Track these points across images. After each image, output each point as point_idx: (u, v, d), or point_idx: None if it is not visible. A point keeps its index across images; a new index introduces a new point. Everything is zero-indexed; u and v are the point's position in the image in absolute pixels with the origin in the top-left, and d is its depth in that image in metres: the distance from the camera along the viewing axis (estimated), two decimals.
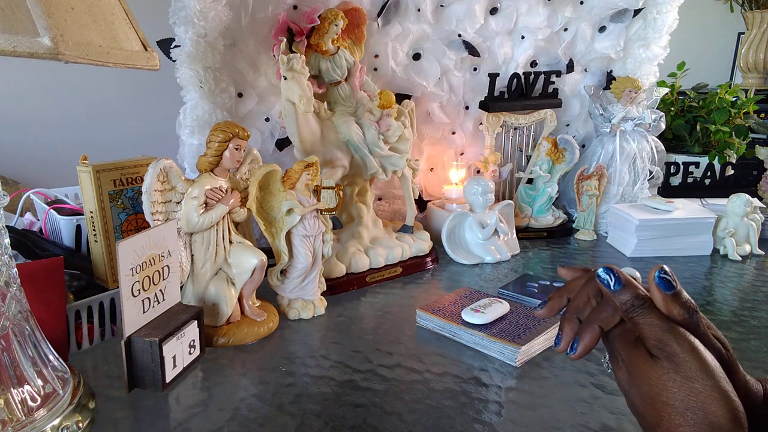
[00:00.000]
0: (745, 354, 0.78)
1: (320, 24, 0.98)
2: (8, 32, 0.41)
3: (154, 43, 0.89)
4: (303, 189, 0.86)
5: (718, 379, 0.38)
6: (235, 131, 0.78)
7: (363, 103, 1.04)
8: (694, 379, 0.38)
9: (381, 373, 0.73)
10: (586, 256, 1.21)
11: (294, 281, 0.88)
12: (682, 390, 0.38)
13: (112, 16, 0.54)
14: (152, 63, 0.59)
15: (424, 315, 0.85)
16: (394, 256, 1.06)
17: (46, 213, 0.87)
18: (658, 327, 0.41)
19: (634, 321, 0.42)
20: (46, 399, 0.56)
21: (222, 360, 0.76)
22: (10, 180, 1.34)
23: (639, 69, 1.36)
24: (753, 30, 2.26)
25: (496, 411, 0.65)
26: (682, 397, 0.38)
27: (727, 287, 1.04)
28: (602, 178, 1.31)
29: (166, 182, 0.76)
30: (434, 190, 1.36)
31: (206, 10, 0.92)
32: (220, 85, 0.99)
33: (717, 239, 1.22)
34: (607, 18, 1.32)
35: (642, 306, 0.42)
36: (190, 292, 0.81)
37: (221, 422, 0.62)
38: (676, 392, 0.38)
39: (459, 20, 1.19)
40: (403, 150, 1.07)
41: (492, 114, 1.28)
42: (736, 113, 1.46)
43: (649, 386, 0.40)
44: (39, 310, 0.64)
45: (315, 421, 0.62)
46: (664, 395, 0.39)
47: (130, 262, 0.63)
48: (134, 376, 0.66)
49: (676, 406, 0.38)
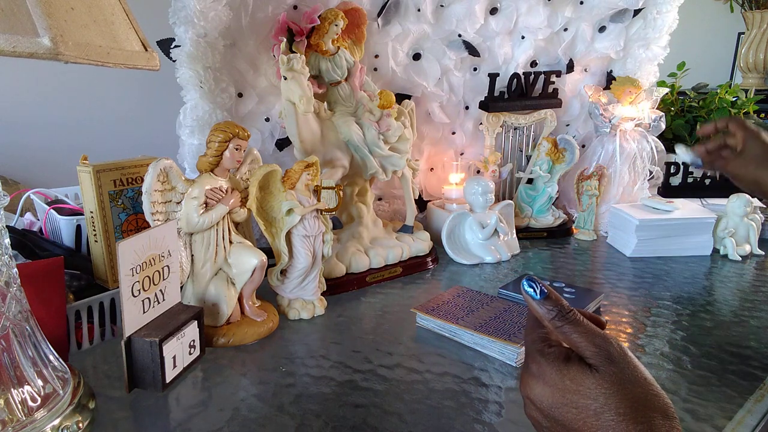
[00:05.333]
0: (746, 354, 0.78)
1: (320, 24, 0.98)
2: (8, 32, 0.41)
3: (154, 43, 0.89)
4: (303, 189, 0.86)
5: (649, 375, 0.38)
6: (235, 131, 0.78)
7: (363, 103, 1.04)
8: (634, 381, 0.37)
9: (381, 373, 0.73)
10: (586, 256, 1.21)
11: (294, 281, 0.88)
12: (626, 392, 0.37)
13: (112, 16, 0.54)
14: (152, 63, 0.59)
15: (423, 315, 0.85)
16: (394, 256, 1.06)
17: (46, 213, 0.87)
18: (591, 333, 0.39)
19: (564, 331, 0.40)
20: (46, 399, 0.56)
21: (222, 360, 0.76)
22: (10, 180, 1.34)
23: (639, 69, 1.36)
24: (753, 30, 2.26)
25: (496, 411, 0.65)
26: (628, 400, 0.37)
27: (727, 287, 1.04)
28: (602, 178, 1.31)
29: (166, 182, 0.76)
30: (434, 190, 1.36)
31: (206, 10, 0.92)
32: (220, 85, 0.99)
33: (717, 239, 1.22)
34: (607, 18, 1.32)
35: (569, 313, 0.40)
36: (190, 292, 0.81)
37: (221, 422, 0.62)
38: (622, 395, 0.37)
39: (459, 20, 1.19)
40: (403, 150, 1.07)
41: (492, 114, 1.28)
42: (736, 113, 1.46)
43: (592, 399, 0.37)
44: (39, 310, 0.64)
45: (315, 421, 0.62)
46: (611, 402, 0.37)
47: (130, 262, 0.63)
48: (134, 376, 0.66)
49: (624, 411, 0.36)
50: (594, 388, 0.37)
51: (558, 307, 0.41)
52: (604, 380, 0.38)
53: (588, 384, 0.38)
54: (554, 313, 0.41)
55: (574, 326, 0.40)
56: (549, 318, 0.41)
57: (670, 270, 1.12)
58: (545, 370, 0.40)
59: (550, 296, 0.41)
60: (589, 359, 0.39)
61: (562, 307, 0.41)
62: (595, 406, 0.37)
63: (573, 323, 0.40)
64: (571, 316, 0.40)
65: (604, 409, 0.37)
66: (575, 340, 0.40)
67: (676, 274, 1.10)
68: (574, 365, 0.39)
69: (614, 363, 0.38)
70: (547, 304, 0.41)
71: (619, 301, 0.96)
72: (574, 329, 0.40)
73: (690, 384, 0.70)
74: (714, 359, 0.77)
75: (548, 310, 0.41)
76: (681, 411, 0.65)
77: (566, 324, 0.40)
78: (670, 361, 0.76)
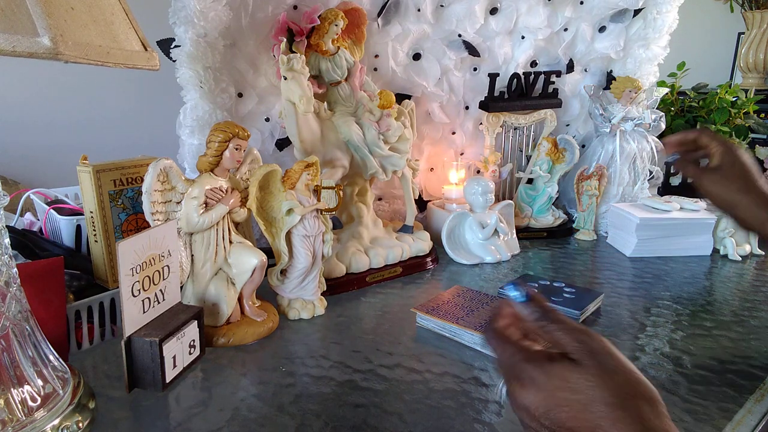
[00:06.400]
0: (746, 354, 0.78)
1: (320, 24, 0.98)
2: (8, 32, 0.41)
3: (154, 43, 0.89)
4: (303, 189, 0.86)
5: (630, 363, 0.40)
6: (235, 131, 0.78)
7: (363, 103, 1.04)
8: (616, 370, 0.39)
9: (381, 373, 0.73)
10: (586, 256, 1.21)
11: (294, 281, 0.88)
12: (610, 382, 0.38)
13: (112, 16, 0.54)
14: (152, 63, 0.59)
15: (423, 315, 0.85)
16: (394, 256, 1.06)
17: (46, 213, 0.86)
18: (573, 329, 0.41)
19: (549, 329, 0.42)
20: (46, 399, 0.56)
21: (222, 360, 0.76)
22: (10, 180, 1.34)
23: (639, 69, 1.36)
24: (753, 30, 2.26)
25: (496, 411, 0.65)
26: (613, 389, 0.38)
27: (727, 287, 1.04)
28: (602, 178, 1.32)
29: (166, 182, 0.76)
30: (434, 190, 1.36)
31: (206, 10, 0.92)
32: (220, 85, 0.99)
33: (717, 239, 1.22)
34: (607, 18, 1.32)
35: (552, 313, 0.43)
36: (190, 292, 0.81)
37: (221, 422, 0.62)
38: (607, 385, 0.38)
39: (459, 20, 1.19)
40: (403, 150, 1.07)
41: (492, 114, 1.28)
42: (736, 113, 1.46)
43: (580, 393, 0.39)
44: (39, 310, 0.64)
45: (315, 421, 0.62)
46: (597, 393, 0.38)
47: (130, 262, 0.63)
48: (134, 376, 0.66)
49: (611, 401, 0.37)
50: (580, 382, 0.39)
51: (541, 308, 0.43)
52: (588, 372, 0.39)
53: (574, 379, 0.39)
54: (538, 314, 0.43)
55: (557, 324, 0.42)
56: (533, 318, 0.43)
57: (670, 270, 1.12)
58: (533, 376, 0.41)
59: (534, 298, 0.44)
60: (573, 354, 0.40)
61: (545, 307, 0.43)
62: (584, 399, 0.38)
63: (556, 321, 0.42)
64: (553, 315, 0.42)
65: (592, 401, 0.38)
66: (559, 337, 0.41)
67: (676, 274, 1.10)
68: (558, 363, 0.40)
69: (596, 355, 0.39)
70: (532, 306, 0.43)
71: (619, 301, 0.96)
72: (557, 327, 0.42)
73: (690, 384, 0.70)
74: (714, 359, 0.77)
75: (532, 311, 0.43)
76: (681, 411, 0.65)
77: (550, 323, 0.42)
78: (670, 361, 0.76)
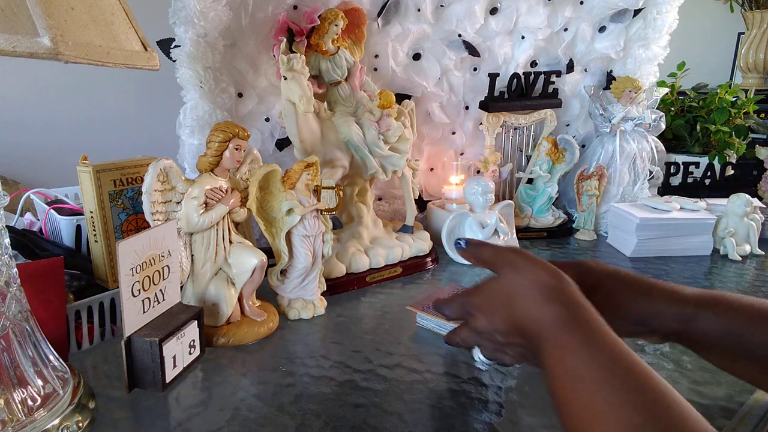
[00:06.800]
0: None
1: (320, 24, 0.98)
2: (8, 32, 0.41)
3: (154, 43, 0.88)
4: (303, 189, 0.86)
5: (536, 258, 0.52)
6: (235, 131, 0.78)
7: (363, 103, 1.04)
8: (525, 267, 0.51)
9: (381, 373, 0.73)
10: (586, 256, 1.21)
11: (294, 281, 0.88)
12: (520, 277, 0.50)
13: (112, 16, 0.54)
14: (152, 63, 0.59)
15: (423, 315, 0.85)
16: (394, 256, 1.06)
17: (46, 213, 0.87)
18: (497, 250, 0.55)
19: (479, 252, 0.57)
20: (46, 399, 0.56)
21: (222, 360, 0.76)
22: (10, 180, 1.34)
23: (639, 69, 1.36)
24: (753, 30, 2.26)
25: (496, 411, 0.65)
26: (525, 283, 0.50)
27: (727, 287, 1.04)
28: (602, 178, 1.32)
29: (166, 182, 0.76)
30: (434, 190, 1.36)
31: (206, 10, 0.92)
32: (220, 85, 0.99)
33: (717, 239, 1.22)
34: (607, 18, 1.32)
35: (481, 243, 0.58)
36: (190, 292, 0.81)
37: (221, 422, 0.62)
38: (519, 282, 0.50)
39: (459, 20, 1.19)
40: (403, 150, 1.07)
41: (492, 114, 1.28)
42: (736, 113, 1.46)
43: (504, 295, 0.51)
44: (39, 310, 0.64)
45: (315, 421, 0.62)
46: (515, 288, 0.50)
47: (130, 262, 0.63)
48: (134, 376, 0.66)
49: (527, 294, 0.49)
50: (502, 286, 0.52)
51: (476, 243, 0.58)
52: (505, 277, 0.52)
53: (497, 287, 0.53)
54: (474, 245, 0.58)
55: (485, 247, 0.57)
56: (471, 250, 0.57)
57: (670, 270, 1.12)
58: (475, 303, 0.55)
59: (471, 242, 0.58)
60: (493, 268, 0.54)
61: (475, 241, 0.58)
62: (508, 297, 0.51)
63: (485, 246, 0.57)
64: (482, 243, 0.58)
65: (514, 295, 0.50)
66: (487, 255, 0.55)
67: (676, 274, 1.10)
68: (486, 283, 0.54)
69: (508, 262, 0.52)
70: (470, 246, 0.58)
71: None
72: (485, 250, 0.56)
73: (690, 384, 0.70)
74: None
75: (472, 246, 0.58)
76: None
77: (480, 247, 0.57)
78: (670, 361, 0.76)
